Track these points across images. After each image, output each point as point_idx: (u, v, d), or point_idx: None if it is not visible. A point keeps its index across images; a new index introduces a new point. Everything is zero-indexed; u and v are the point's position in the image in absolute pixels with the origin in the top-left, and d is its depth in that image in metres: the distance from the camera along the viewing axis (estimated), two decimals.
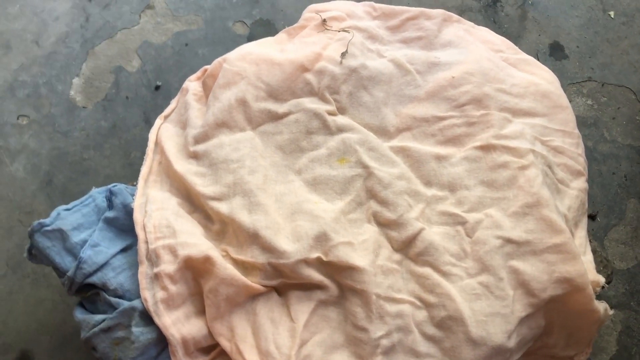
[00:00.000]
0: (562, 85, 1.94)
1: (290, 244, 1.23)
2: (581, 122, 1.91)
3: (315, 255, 1.22)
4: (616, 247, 1.75)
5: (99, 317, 1.20)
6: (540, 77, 1.49)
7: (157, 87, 1.90)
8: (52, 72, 1.92)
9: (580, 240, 1.36)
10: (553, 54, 2.03)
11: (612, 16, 2.11)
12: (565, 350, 1.35)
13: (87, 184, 1.77)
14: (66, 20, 2.02)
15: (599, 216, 1.79)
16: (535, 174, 1.29)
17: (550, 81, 1.48)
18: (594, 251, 1.41)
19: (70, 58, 1.95)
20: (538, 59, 1.98)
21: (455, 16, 1.58)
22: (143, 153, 1.79)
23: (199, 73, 1.51)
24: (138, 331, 1.17)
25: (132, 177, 1.74)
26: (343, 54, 1.42)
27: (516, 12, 2.10)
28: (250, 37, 2.02)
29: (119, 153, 1.82)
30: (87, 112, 1.87)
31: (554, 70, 1.93)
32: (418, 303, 1.23)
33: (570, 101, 1.94)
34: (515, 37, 2.06)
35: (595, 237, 1.76)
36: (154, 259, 1.21)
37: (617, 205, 1.80)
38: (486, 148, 1.35)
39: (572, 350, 1.35)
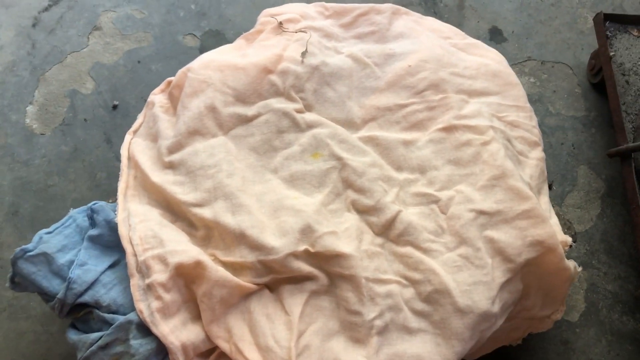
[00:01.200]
0: None
1: (278, 240, 1.26)
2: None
3: (302, 247, 1.26)
4: (573, 212, 1.86)
5: (94, 335, 1.19)
6: (489, 58, 1.58)
7: (115, 107, 1.89)
8: (4, 102, 1.89)
9: (544, 205, 1.45)
10: (493, 38, 2.15)
11: None
12: (543, 310, 1.43)
13: (55, 210, 1.74)
14: (11, 48, 1.98)
15: (555, 185, 1.90)
16: (497, 148, 1.38)
17: (499, 61, 1.58)
18: (557, 215, 1.51)
19: (21, 86, 1.92)
20: None
21: (403, 9, 1.65)
22: (108, 174, 1.80)
23: (162, 85, 1.53)
24: (137, 343, 1.18)
25: (100, 199, 1.73)
26: (303, 54, 1.47)
27: (454, 2, 2.21)
28: (202, 49, 2.04)
29: (83, 176, 1.80)
30: (46, 139, 1.84)
31: None
32: (404, 282, 1.29)
33: None
34: (456, 26, 2.15)
35: (554, 204, 1.87)
36: (144, 270, 1.21)
37: (569, 172, 1.92)
38: (449, 129, 1.42)
39: (549, 310, 1.44)
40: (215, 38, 2.07)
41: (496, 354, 1.56)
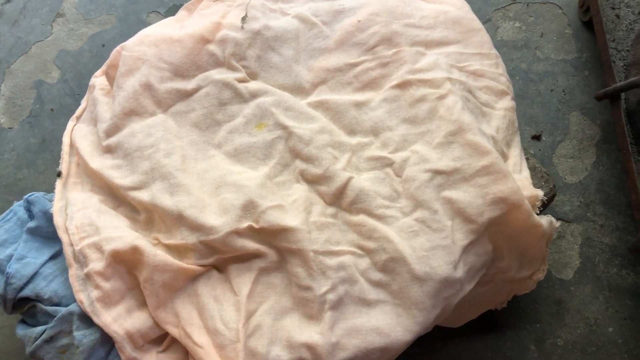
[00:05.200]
0: (487, 13, 1.92)
1: (218, 218, 1.20)
2: (512, 46, 1.89)
3: (245, 224, 1.20)
4: (565, 163, 1.74)
5: (39, 328, 1.17)
6: (449, 4, 1.46)
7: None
8: None
9: (514, 159, 1.33)
10: None
11: None
12: (521, 271, 1.33)
13: None
14: None
15: (544, 135, 1.77)
16: (454, 101, 1.27)
17: (460, 7, 1.45)
18: (533, 168, 1.39)
19: None
20: None
21: None
22: None
23: (103, 67, 1.47)
24: (80, 334, 1.15)
25: None
26: (243, 19, 1.38)
27: None
28: None
29: (53, 167, 1.78)
30: (14, 132, 1.82)
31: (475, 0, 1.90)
32: (359, 251, 1.21)
33: (497, 27, 1.92)
34: None
35: (543, 156, 1.74)
36: (81, 259, 1.18)
37: (560, 121, 1.79)
38: (402, 85, 1.32)
39: (528, 270, 1.34)
40: None
41: (482, 319, 1.48)
